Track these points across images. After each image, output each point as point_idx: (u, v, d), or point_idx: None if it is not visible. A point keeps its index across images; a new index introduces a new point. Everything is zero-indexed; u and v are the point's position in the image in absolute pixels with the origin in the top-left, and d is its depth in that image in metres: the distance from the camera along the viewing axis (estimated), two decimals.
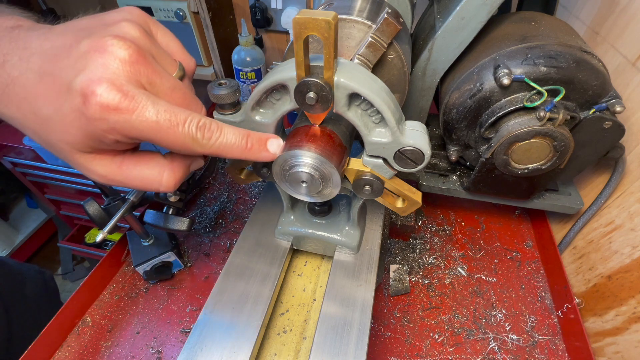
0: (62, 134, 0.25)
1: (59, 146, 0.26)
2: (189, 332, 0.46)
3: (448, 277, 0.63)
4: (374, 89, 0.32)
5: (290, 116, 0.89)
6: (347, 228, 0.48)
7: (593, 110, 0.47)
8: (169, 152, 0.31)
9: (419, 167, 0.36)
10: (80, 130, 0.25)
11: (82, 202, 0.51)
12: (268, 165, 0.41)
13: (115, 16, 0.29)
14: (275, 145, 0.32)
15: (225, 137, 0.28)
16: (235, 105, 0.38)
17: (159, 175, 0.30)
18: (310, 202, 0.49)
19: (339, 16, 0.36)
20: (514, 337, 0.56)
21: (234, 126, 0.29)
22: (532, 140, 0.48)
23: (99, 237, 0.47)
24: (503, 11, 0.64)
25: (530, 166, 0.51)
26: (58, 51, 0.25)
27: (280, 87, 0.35)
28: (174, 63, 0.31)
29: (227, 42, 1.00)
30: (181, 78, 0.31)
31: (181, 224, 0.57)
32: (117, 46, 0.25)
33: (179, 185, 0.30)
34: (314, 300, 0.47)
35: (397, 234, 0.68)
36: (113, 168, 0.28)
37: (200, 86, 1.18)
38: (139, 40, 0.27)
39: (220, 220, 0.73)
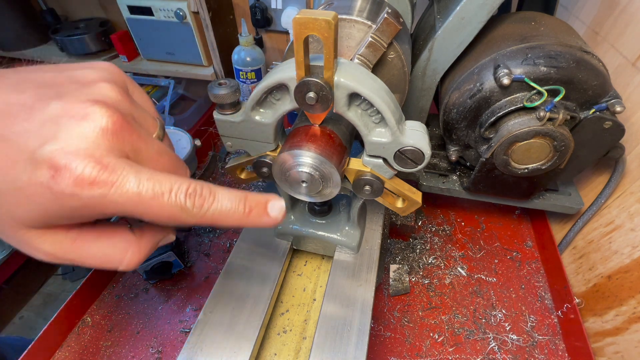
0: (11, 207, 0.21)
1: None
2: (189, 332, 0.46)
3: (448, 277, 0.63)
4: (374, 88, 0.32)
5: (290, 116, 0.89)
6: (347, 228, 0.48)
7: (593, 110, 0.47)
8: (140, 226, 0.27)
9: (419, 167, 0.36)
10: (40, 206, 0.20)
11: None
12: (268, 165, 0.41)
13: (91, 74, 0.25)
14: (277, 209, 0.27)
15: (220, 204, 0.24)
16: (235, 105, 0.38)
17: (121, 254, 0.25)
18: (310, 202, 0.49)
19: (339, 16, 0.36)
20: (514, 337, 0.56)
21: (228, 188, 0.25)
22: (532, 140, 0.48)
23: None
24: (503, 11, 0.64)
25: (530, 166, 0.51)
26: (13, 110, 0.21)
27: (281, 87, 0.35)
28: (155, 123, 0.28)
29: (227, 42, 1.00)
30: (161, 138, 0.28)
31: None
32: (98, 114, 0.21)
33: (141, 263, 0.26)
34: (314, 300, 0.47)
35: (397, 234, 0.68)
36: (66, 245, 0.23)
37: (200, 86, 1.18)
38: (120, 104, 0.24)
39: None
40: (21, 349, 0.49)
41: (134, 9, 0.97)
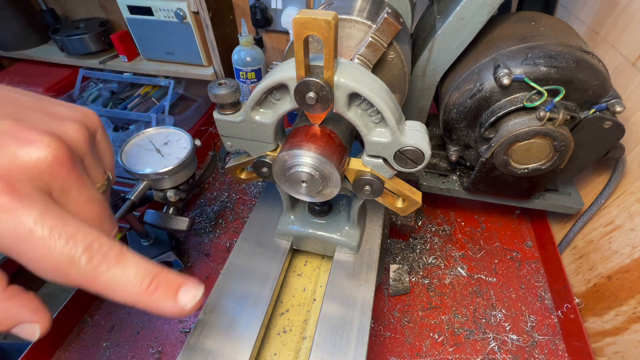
0: None
1: None
2: (189, 332, 0.46)
3: (448, 277, 0.63)
4: (374, 88, 0.32)
5: (290, 116, 0.89)
6: (347, 228, 0.48)
7: (593, 110, 0.47)
8: (14, 286, 0.22)
9: (419, 167, 0.36)
10: None
11: None
12: (268, 165, 0.41)
13: (66, 112, 0.25)
14: (189, 296, 0.23)
15: (122, 271, 0.21)
16: (235, 105, 0.38)
17: None
18: (310, 202, 0.49)
19: (339, 16, 0.36)
20: (514, 337, 0.55)
21: (146, 259, 0.22)
22: (532, 140, 0.48)
23: None
24: (503, 11, 0.64)
25: (530, 166, 0.51)
26: None
27: (281, 87, 0.35)
28: (103, 175, 0.27)
29: (227, 42, 1.00)
30: (104, 191, 0.28)
31: (181, 224, 0.57)
32: (45, 145, 0.21)
33: None
34: (314, 300, 0.47)
35: (397, 234, 0.68)
36: None
37: (200, 86, 1.18)
38: (76, 145, 0.24)
39: (220, 220, 0.73)
40: None
41: (134, 9, 0.97)
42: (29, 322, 0.21)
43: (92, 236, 0.20)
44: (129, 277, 0.21)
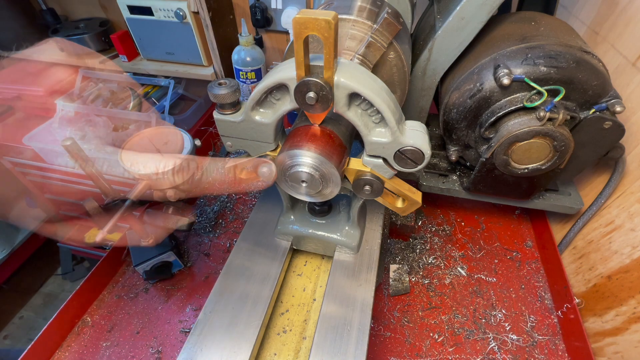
0: None
1: None
2: (189, 332, 0.46)
3: (448, 277, 0.63)
4: (374, 88, 0.32)
5: (290, 116, 0.89)
6: (347, 228, 0.48)
7: (593, 110, 0.47)
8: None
9: (419, 167, 0.36)
10: None
11: (82, 202, 0.51)
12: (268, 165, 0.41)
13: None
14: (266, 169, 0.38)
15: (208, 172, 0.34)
16: (235, 105, 0.38)
17: None
18: (310, 202, 0.49)
19: (339, 16, 0.36)
20: (514, 337, 0.55)
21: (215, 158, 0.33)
22: (532, 140, 0.48)
23: (99, 237, 0.46)
24: (503, 11, 0.64)
25: (530, 166, 0.51)
26: None
27: (281, 87, 0.35)
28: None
29: (227, 42, 1.00)
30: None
31: (181, 224, 0.57)
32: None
33: None
34: (314, 300, 0.47)
35: (397, 234, 0.68)
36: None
37: (200, 86, 1.18)
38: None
39: (220, 220, 0.73)
40: None
41: (134, 9, 0.97)
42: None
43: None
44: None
